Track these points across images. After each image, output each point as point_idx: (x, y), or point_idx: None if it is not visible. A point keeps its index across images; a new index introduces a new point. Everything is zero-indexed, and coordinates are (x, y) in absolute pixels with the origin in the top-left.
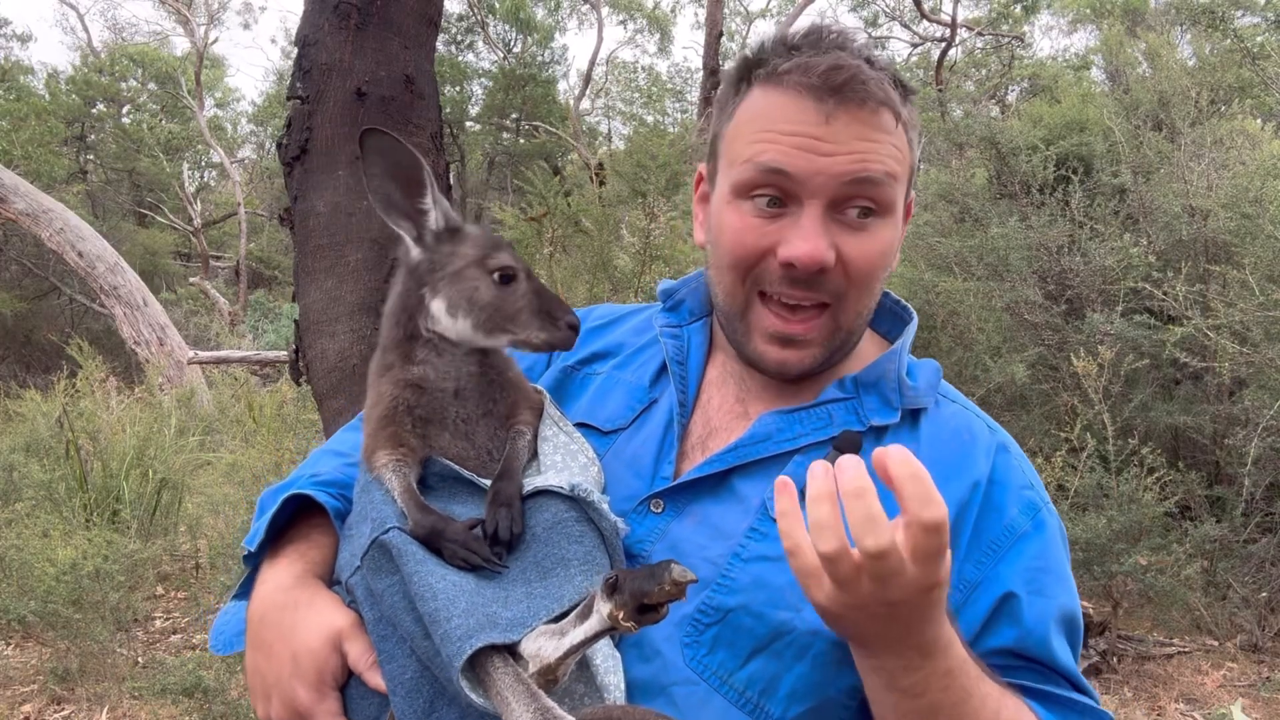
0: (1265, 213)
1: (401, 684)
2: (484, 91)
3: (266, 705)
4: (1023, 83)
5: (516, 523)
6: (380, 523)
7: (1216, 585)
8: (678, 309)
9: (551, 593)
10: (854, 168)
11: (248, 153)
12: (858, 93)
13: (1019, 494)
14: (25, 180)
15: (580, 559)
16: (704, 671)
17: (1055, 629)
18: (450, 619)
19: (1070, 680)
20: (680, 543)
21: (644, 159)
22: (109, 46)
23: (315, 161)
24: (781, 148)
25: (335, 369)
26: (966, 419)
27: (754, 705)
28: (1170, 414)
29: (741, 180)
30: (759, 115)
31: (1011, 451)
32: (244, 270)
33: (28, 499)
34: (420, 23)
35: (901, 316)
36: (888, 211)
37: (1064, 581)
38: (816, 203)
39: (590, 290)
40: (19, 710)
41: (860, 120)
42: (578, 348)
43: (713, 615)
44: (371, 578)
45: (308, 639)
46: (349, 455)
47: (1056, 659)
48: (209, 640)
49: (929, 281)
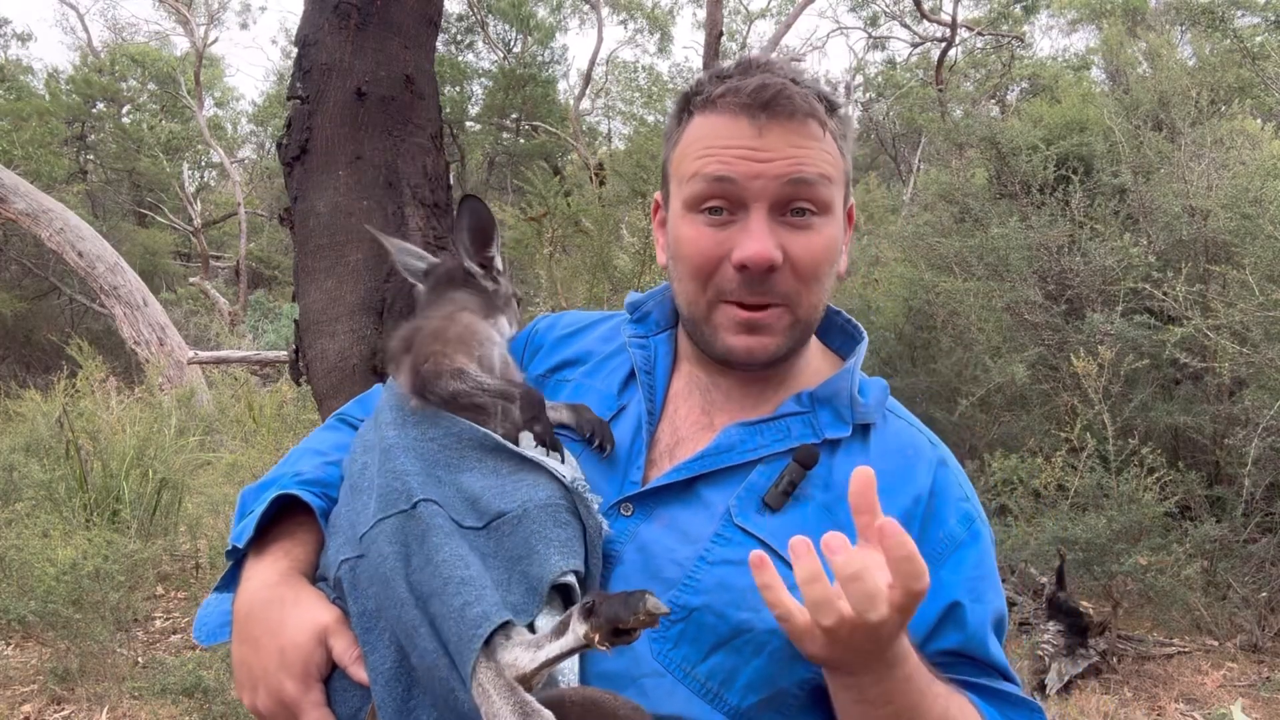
0: (1265, 213)
1: (381, 673)
2: (484, 91)
3: (253, 695)
4: (1022, 83)
5: (609, 435)
6: (408, 495)
7: (1216, 585)
8: (645, 320)
9: (535, 572)
10: (789, 169)
11: (248, 153)
12: (785, 106)
13: (957, 505)
14: (25, 180)
15: (561, 543)
16: (669, 664)
17: (990, 630)
18: (485, 588)
19: (1000, 672)
20: (649, 544)
21: (644, 159)
22: (108, 46)
23: (315, 161)
24: (723, 159)
25: (335, 369)
26: (911, 434)
27: (714, 695)
28: (1170, 414)
29: (691, 194)
30: (700, 137)
31: (950, 466)
32: (244, 270)
33: (28, 499)
34: (420, 23)
35: (853, 335)
36: (826, 210)
37: (996, 586)
38: (761, 205)
39: (590, 290)
40: (19, 710)
41: (790, 130)
42: (548, 355)
43: (679, 613)
44: (384, 542)
45: (294, 634)
46: (328, 454)
47: (991, 656)
48: (193, 630)
49: (929, 281)
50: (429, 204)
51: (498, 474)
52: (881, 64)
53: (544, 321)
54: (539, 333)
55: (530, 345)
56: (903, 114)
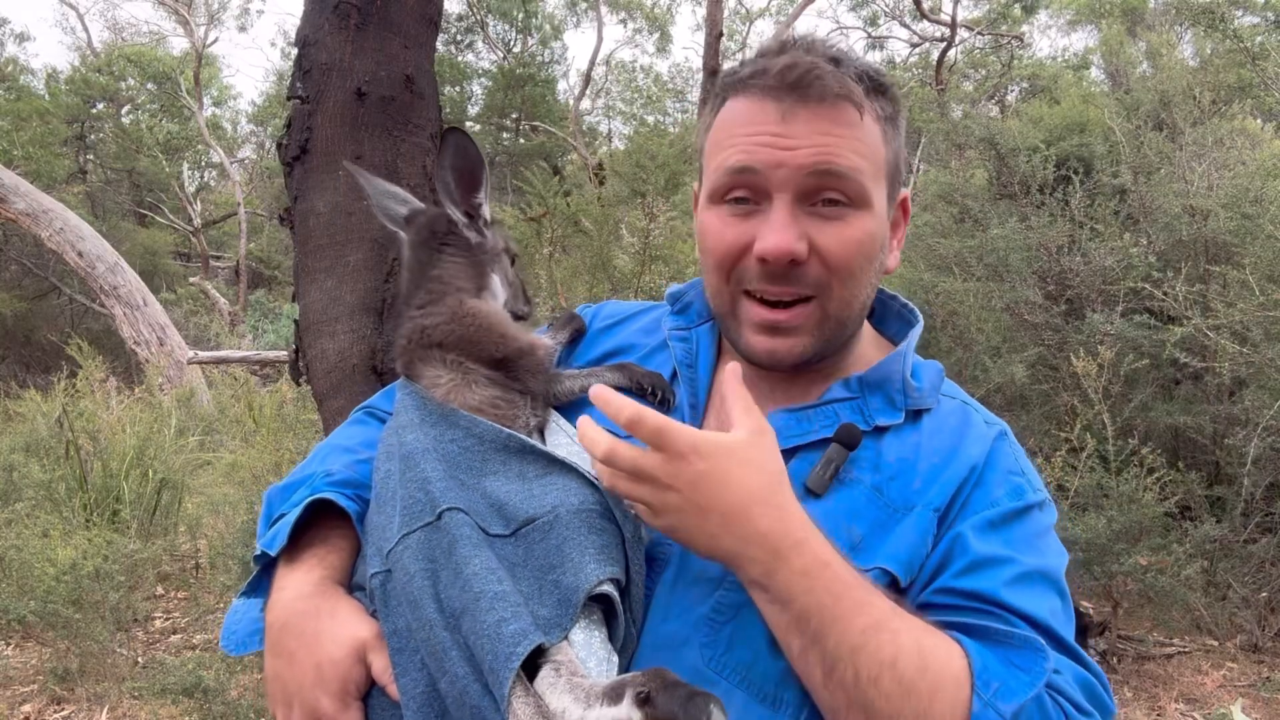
0: (1265, 213)
1: (414, 697)
2: (484, 91)
3: (287, 712)
4: (1022, 83)
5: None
6: (432, 505)
7: (1216, 585)
8: (686, 311)
9: (569, 581)
10: (814, 159)
11: (248, 153)
12: (814, 88)
13: (1007, 476)
14: (25, 180)
15: (597, 550)
16: (724, 670)
17: (1018, 579)
18: (520, 604)
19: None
20: None
21: (644, 159)
22: (107, 47)
23: (315, 161)
24: (746, 147)
25: (335, 369)
26: (966, 413)
27: (773, 698)
28: (1170, 414)
29: (715, 186)
30: (727, 123)
31: (1009, 440)
32: (244, 270)
33: (28, 499)
34: (420, 23)
35: (909, 320)
36: (861, 204)
37: (1040, 550)
38: (784, 196)
39: (590, 290)
40: (19, 710)
41: (819, 115)
42: (590, 347)
43: (726, 613)
44: (410, 560)
45: (331, 649)
46: (357, 451)
47: (1009, 599)
48: (220, 639)
49: (928, 282)
50: (429, 203)
51: (524, 478)
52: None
53: (586, 312)
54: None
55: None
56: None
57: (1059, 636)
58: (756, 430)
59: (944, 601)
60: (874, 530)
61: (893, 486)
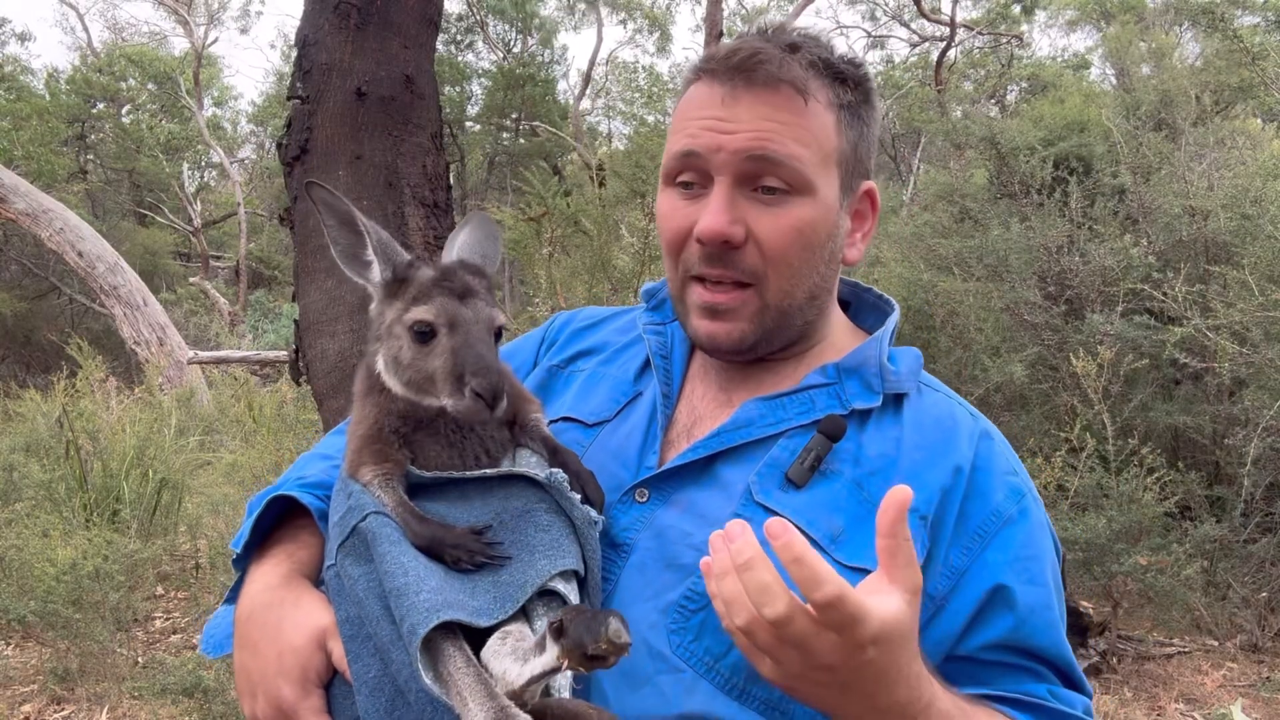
0: (1265, 213)
1: (365, 682)
2: (484, 91)
3: (253, 703)
4: (1021, 83)
5: (597, 489)
6: (359, 509)
7: (1216, 585)
8: (660, 307)
9: (515, 579)
10: (752, 144)
11: (248, 153)
12: (757, 72)
13: (1003, 479)
14: (25, 180)
15: (545, 546)
16: (690, 658)
17: (1047, 617)
18: (419, 593)
19: (1062, 668)
20: (666, 530)
21: (644, 159)
22: (107, 46)
23: (315, 161)
24: (691, 131)
25: (335, 369)
26: (949, 406)
27: (740, 689)
28: (1170, 414)
29: (665, 170)
30: (683, 107)
31: (995, 438)
32: (244, 270)
33: (28, 499)
34: (420, 23)
35: (884, 310)
36: (802, 191)
37: (1052, 569)
38: (723, 179)
39: (590, 290)
40: (19, 710)
41: (762, 100)
42: (563, 348)
43: (698, 601)
44: (350, 565)
45: (293, 637)
46: (335, 458)
47: (1049, 647)
48: (200, 642)
49: (928, 282)
50: (429, 204)
51: (465, 498)
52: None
53: (561, 318)
54: (555, 328)
55: (546, 340)
56: (902, 114)
57: (1070, 673)
58: (913, 590)
59: (992, 658)
60: (854, 525)
61: (873, 482)
